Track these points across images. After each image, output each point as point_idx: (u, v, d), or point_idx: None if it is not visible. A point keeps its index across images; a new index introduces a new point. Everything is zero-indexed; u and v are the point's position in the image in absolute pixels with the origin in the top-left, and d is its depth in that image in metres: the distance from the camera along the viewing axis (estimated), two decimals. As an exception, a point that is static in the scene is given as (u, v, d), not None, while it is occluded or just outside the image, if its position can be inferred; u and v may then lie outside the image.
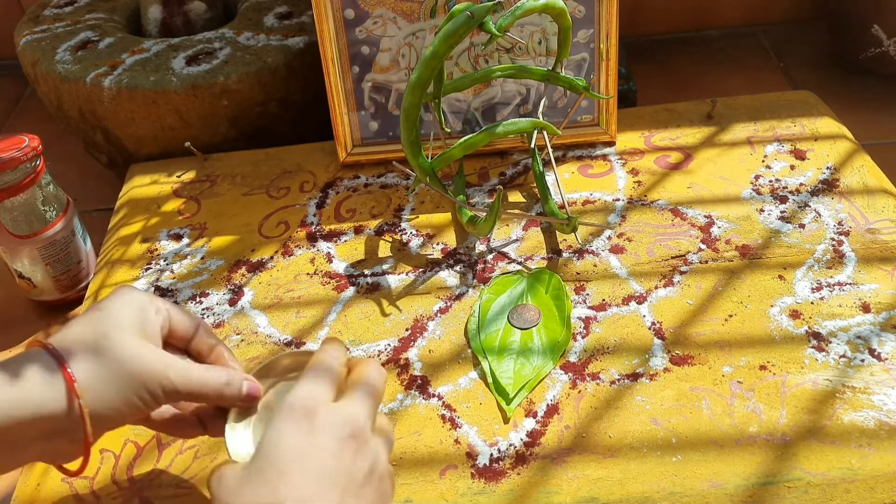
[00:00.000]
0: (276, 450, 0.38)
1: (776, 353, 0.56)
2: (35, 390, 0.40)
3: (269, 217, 0.73)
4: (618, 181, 0.73)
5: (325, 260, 0.68)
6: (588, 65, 0.76)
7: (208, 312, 0.64)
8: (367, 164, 0.78)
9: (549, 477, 0.50)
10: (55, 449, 0.42)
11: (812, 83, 1.01)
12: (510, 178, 0.76)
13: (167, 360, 0.43)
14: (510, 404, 0.55)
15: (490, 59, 0.75)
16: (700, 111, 0.81)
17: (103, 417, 0.41)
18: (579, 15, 0.73)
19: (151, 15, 0.89)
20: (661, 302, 0.61)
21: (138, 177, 0.80)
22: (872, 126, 0.92)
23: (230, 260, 0.69)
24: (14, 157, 0.67)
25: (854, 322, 0.58)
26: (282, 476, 0.37)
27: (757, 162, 0.74)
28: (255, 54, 0.81)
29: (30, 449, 0.41)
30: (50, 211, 0.71)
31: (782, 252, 0.64)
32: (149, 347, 0.43)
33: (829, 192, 0.70)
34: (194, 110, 0.80)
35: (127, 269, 0.69)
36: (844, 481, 0.48)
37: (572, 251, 0.67)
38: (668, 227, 0.68)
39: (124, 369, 0.41)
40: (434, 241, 0.69)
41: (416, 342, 0.60)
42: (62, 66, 0.81)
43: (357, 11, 0.73)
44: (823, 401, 0.53)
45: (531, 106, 0.77)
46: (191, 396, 0.44)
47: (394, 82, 0.76)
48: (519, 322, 0.60)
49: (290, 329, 0.62)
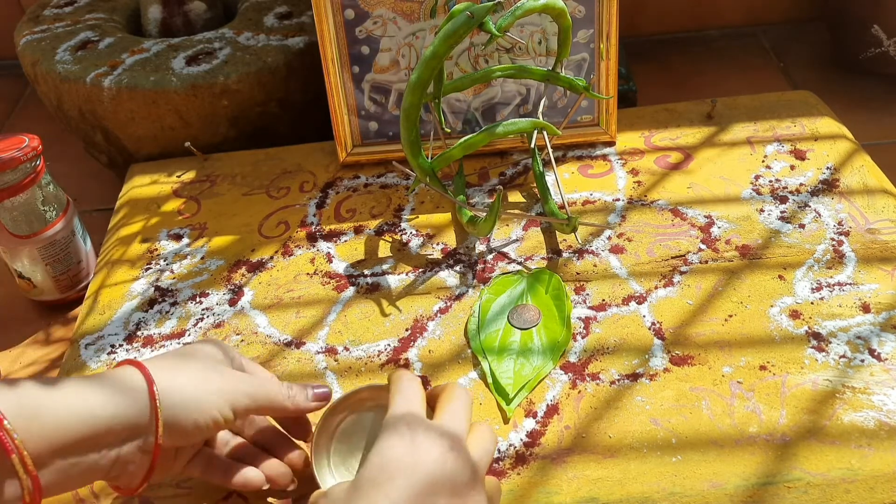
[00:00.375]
0: (382, 461, 0.41)
1: (776, 354, 0.56)
2: (118, 394, 0.42)
3: (269, 217, 0.73)
4: (618, 181, 0.73)
5: (325, 260, 0.68)
6: (588, 65, 0.76)
7: (208, 312, 0.64)
8: (367, 164, 0.78)
9: (549, 477, 0.50)
10: (125, 460, 0.43)
11: (812, 83, 1.01)
12: (510, 178, 0.76)
13: (239, 375, 0.47)
14: (510, 404, 0.55)
15: (490, 59, 0.75)
16: (700, 111, 0.81)
17: (176, 426, 0.43)
18: (579, 15, 0.73)
19: (151, 15, 0.89)
20: (661, 302, 0.61)
21: (138, 177, 0.80)
22: (872, 126, 0.92)
23: (230, 260, 0.69)
24: (14, 157, 0.67)
25: (854, 322, 0.58)
26: (392, 481, 0.40)
27: (757, 162, 0.74)
28: (255, 54, 0.81)
29: (103, 457, 0.42)
30: (50, 211, 0.71)
31: (782, 252, 0.64)
32: (223, 367, 0.47)
33: (829, 192, 0.70)
34: (194, 110, 0.80)
35: (127, 269, 0.69)
36: (844, 481, 0.48)
37: (572, 251, 0.67)
38: (668, 227, 0.68)
39: (201, 383, 0.45)
40: (434, 241, 0.69)
41: (416, 342, 0.60)
42: (62, 66, 0.81)
43: (357, 11, 0.73)
44: (823, 401, 0.53)
45: (531, 106, 0.77)
46: (264, 405, 0.47)
47: (394, 82, 0.76)
48: (519, 322, 0.60)
49: (290, 329, 0.62)
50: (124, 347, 0.62)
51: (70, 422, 0.40)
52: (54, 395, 0.40)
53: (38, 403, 0.39)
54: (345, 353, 0.60)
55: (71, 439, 0.40)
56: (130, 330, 0.63)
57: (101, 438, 0.41)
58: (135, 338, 0.63)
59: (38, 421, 0.39)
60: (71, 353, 0.62)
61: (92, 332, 0.64)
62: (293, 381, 0.57)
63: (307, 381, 0.58)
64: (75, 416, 0.40)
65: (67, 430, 0.40)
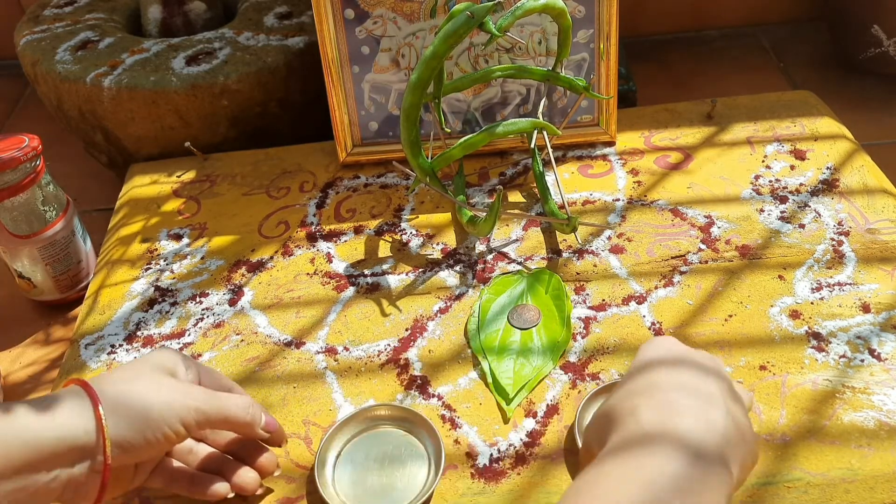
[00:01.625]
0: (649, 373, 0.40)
1: (776, 354, 0.56)
2: (63, 416, 0.41)
3: (269, 217, 0.73)
4: (618, 181, 0.73)
5: (325, 260, 0.68)
6: (588, 65, 0.76)
7: (208, 312, 0.64)
8: (367, 164, 0.78)
9: (549, 477, 0.50)
10: (77, 481, 0.42)
11: (812, 83, 1.01)
12: (510, 178, 0.76)
13: (190, 388, 0.46)
14: (510, 404, 0.55)
15: (490, 59, 0.75)
16: (700, 111, 0.81)
17: (125, 444, 0.43)
18: (579, 15, 0.73)
19: (151, 15, 0.89)
20: (660, 302, 0.61)
21: (138, 177, 0.80)
22: (872, 126, 0.92)
23: (230, 260, 0.69)
24: (14, 157, 0.67)
25: (854, 322, 0.58)
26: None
27: (757, 162, 0.74)
28: (255, 54, 0.81)
29: (53, 479, 0.41)
30: (50, 211, 0.71)
31: (782, 252, 0.64)
32: (175, 381, 0.46)
33: (829, 192, 0.70)
34: (194, 110, 0.80)
35: (127, 268, 0.69)
36: (844, 481, 0.48)
37: (572, 251, 0.67)
38: (667, 227, 0.68)
39: (149, 398, 0.44)
40: (434, 241, 0.69)
41: (416, 342, 0.60)
42: (62, 66, 0.81)
43: (357, 11, 0.73)
44: (823, 401, 0.53)
45: (531, 106, 0.77)
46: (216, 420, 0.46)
47: (394, 82, 0.76)
48: (519, 322, 0.60)
49: (290, 329, 0.62)
50: (124, 347, 0.62)
51: (12, 445, 0.39)
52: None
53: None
54: (345, 353, 0.60)
55: (14, 463, 0.39)
56: (130, 330, 0.63)
57: (47, 462, 0.41)
58: (135, 338, 0.63)
59: None
60: (71, 353, 0.62)
61: (92, 332, 0.64)
62: (293, 382, 0.58)
63: (307, 380, 0.58)
64: (18, 440, 0.40)
65: (10, 455, 0.39)
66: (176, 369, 0.47)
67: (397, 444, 0.53)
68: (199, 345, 0.61)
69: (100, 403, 0.42)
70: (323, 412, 0.56)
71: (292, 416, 0.55)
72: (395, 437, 0.53)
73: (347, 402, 0.56)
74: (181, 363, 0.48)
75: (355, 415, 0.54)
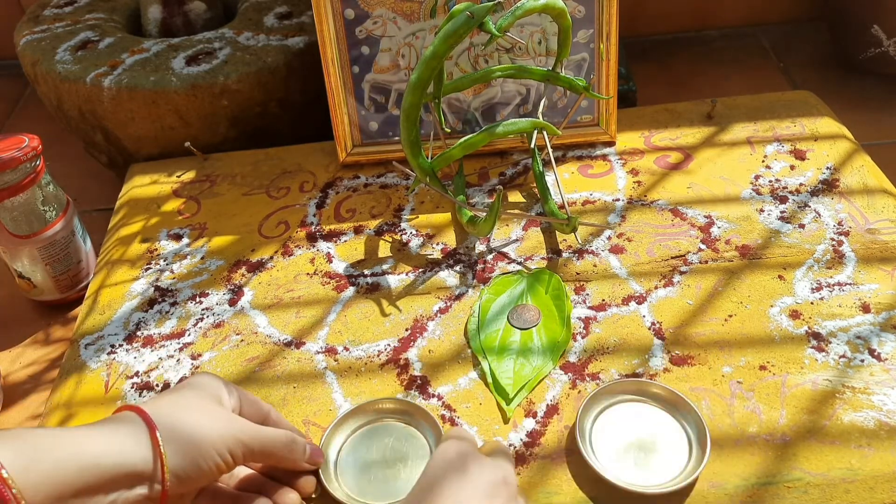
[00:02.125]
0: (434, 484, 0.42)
1: (776, 354, 0.56)
2: (121, 442, 0.42)
3: (269, 217, 0.73)
4: (618, 181, 0.73)
5: (325, 260, 0.68)
6: (588, 65, 0.76)
7: (208, 312, 0.64)
8: (367, 164, 0.78)
9: (549, 477, 0.50)
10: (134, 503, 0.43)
11: (812, 83, 1.01)
12: (510, 178, 0.76)
13: (236, 420, 0.47)
14: (510, 404, 0.55)
15: (490, 59, 0.75)
16: (700, 111, 0.81)
17: (181, 474, 0.43)
18: (579, 15, 0.73)
19: (151, 15, 0.89)
20: (660, 302, 0.61)
21: (138, 177, 0.80)
22: (872, 126, 0.92)
23: (230, 260, 0.69)
24: (14, 157, 0.67)
25: (854, 322, 0.58)
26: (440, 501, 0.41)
27: (757, 162, 0.74)
28: (255, 54, 0.81)
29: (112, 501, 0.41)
30: (50, 211, 0.71)
31: (782, 252, 0.64)
32: (223, 411, 0.47)
33: (829, 192, 0.70)
34: (194, 110, 0.80)
35: (127, 269, 0.69)
36: (844, 481, 0.48)
37: (572, 251, 0.67)
38: (667, 227, 0.68)
39: (202, 427, 0.44)
40: (434, 241, 0.69)
41: (416, 342, 0.60)
42: (62, 66, 0.81)
43: (357, 11, 0.73)
44: (823, 401, 0.53)
45: (531, 106, 0.77)
46: (260, 454, 0.47)
47: (394, 82, 0.76)
48: (519, 322, 0.60)
49: (289, 329, 0.62)
50: (124, 347, 0.62)
51: (71, 470, 0.39)
52: (54, 444, 0.40)
53: (37, 452, 0.39)
54: (345, 353, 0.60)
55: (72, 488, 0.39)
56: (130, 330, 0.63)
57: (104, 486, 0.41)
58: (135, 338, 0.63)
59: (36, 470, 0.38)
60: (71, 353, 0.62)
61: (92, 332, 0.64)
62: (293, 382, 0.58)
63: (307, 380, 0.58)
64: (76, 465, 0.40)
65: (67, 478, 0.39)
66: (221, 395, 0.47)
67: (399, 436, 0.53)
68: (199, 345, 0.62)
69: (157, 430, 0.43)
70: (323, 412, 0.56)
71: (292, 416, 0.55)
72: (398, 430, 0.53)
73: (347, 402, 0.56)
74: (224, 389, 0.48)
75: (358, 408, 0.54)
